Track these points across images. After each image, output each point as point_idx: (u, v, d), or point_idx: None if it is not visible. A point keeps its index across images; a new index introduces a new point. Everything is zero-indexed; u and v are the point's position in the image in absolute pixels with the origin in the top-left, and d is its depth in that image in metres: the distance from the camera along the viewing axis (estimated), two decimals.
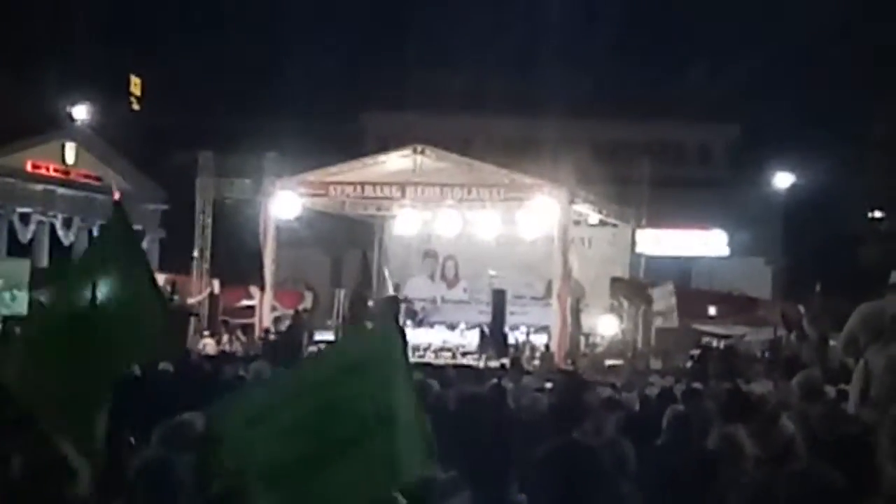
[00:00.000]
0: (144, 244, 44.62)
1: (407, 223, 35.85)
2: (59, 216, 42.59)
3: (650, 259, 38.55)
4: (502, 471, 7.16)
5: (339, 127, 44.88)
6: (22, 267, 35.69)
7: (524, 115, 44.93)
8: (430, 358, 31.19)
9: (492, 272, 35.44)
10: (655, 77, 49.03)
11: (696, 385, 15.26)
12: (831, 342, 18.04)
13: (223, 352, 29.69)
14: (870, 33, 41.45)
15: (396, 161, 34.60)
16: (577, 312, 34.21)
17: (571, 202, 33.76)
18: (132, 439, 6.02)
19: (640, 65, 48.56)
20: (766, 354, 30.87)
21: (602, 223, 37.69)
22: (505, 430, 7.64)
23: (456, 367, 24.46)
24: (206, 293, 34.62)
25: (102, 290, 5.06)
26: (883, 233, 38.75)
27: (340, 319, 35.56)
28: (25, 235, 41.47)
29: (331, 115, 45.43)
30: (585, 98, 44.94)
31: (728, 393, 13.20)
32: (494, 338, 33.36)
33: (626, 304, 36.11)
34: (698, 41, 48.06)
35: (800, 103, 43.63)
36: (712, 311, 34.03)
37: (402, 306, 36.92)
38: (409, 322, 36.30)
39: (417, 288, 39.02)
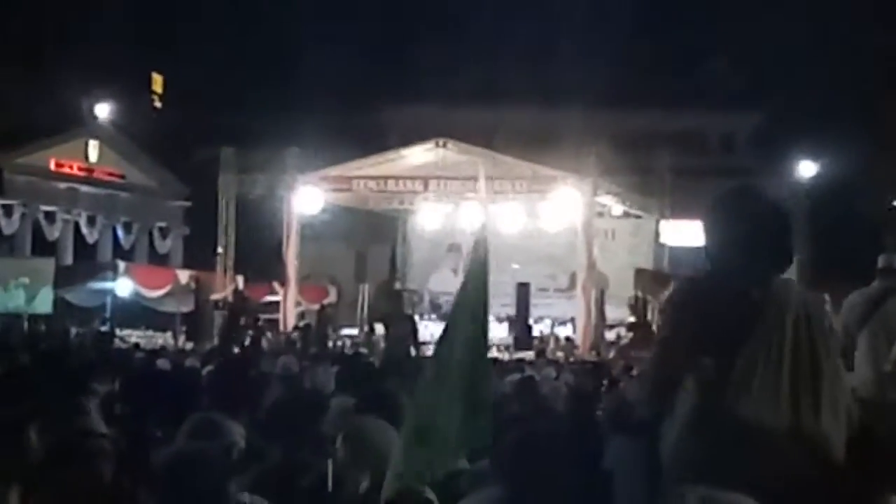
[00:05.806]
0: (168, 241, 44.84)
1: (430, 217, 35.88)
2: (83, 214, 42.74)
3: (674, 249, 38.36)
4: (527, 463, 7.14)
5: (361, 121, 44.87)
6: (47, 266, 35.89)
7: (545, 106, 44.76)
8: None
9: (515, 265, 35.33)
10: (676, 66, 48.87)
11: None
12: None
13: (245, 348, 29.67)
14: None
15: (419, 155, 34.62)
16: (601, 304, 34.12)
17: (595, 194, 33.70)
18: (159, 433, 6.04)
19: (661, 54, 48.37)
20: None
21: (625, 214, 37.59)
22: (535, 420, 7.63)
23: None
24: (230, 289, 34.68)
25: None
26: None
27: (365, 314, 35.57)
28: (51, 234, 41.60)
29: (352, 109, 45.42)
30: (606, 88, 44.76)
31: None
32: (519, 330, 33.35)
33: (648, 295, 35.98)
34: (719, 29, 47.84)
35: (822, 91, 43.39)
36: None
37: (427, 300, 36.93)
38: (433, 316, 36.28)
39: (441, 282, 38.83)
